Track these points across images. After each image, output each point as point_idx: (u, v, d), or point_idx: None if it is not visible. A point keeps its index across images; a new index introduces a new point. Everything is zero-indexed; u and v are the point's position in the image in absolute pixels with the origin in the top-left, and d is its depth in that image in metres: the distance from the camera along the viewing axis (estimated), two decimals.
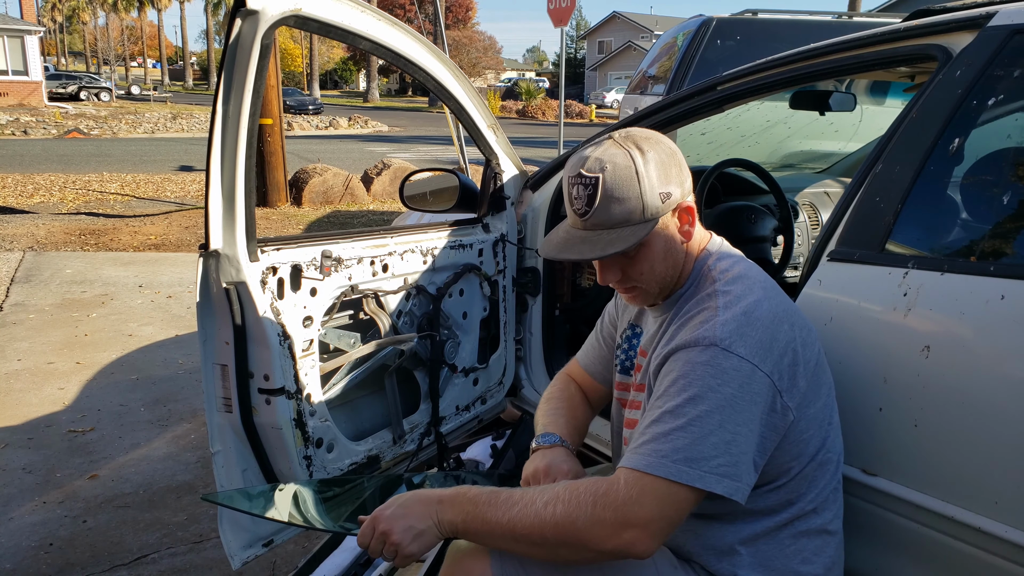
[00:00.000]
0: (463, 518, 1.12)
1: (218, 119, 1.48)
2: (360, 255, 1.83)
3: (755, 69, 1.83)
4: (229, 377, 1.60)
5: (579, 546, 1.04)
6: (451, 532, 1.14)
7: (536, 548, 1.06)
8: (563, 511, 1.04)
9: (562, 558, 1.08)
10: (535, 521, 1.05)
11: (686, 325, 1.17)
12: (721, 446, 1.05)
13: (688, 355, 1.11)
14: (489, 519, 1.09)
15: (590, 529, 1.03)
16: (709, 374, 1.08)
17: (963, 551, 1.22)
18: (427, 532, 1.13)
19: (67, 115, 26.36)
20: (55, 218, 8.69)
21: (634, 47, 47.74)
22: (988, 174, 1.40)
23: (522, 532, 1.06)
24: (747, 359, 1.09)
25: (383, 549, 1.15)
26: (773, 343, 1.12)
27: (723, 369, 1.08)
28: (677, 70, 6.00)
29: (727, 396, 1.07)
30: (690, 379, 1.09)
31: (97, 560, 2.51)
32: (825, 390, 1.23)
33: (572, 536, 1.03)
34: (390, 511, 1.15)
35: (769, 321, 1.13)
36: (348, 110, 35.41)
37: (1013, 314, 1.16)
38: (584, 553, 1.05)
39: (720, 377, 1.07)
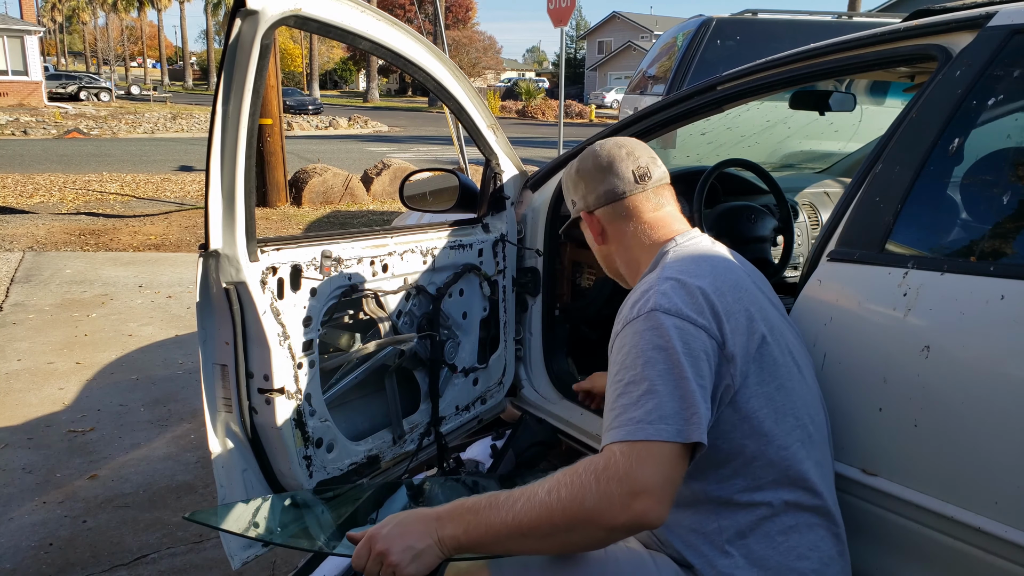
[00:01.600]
0: (464, 529, 1.09)
1: (218, 119, 1.48)
2: (360, 255, 1.83)
3: (755, 69, 1.83)
4: (229, 377, 1.60)
5: (591, 526, 1.02)
6: (454, 547, 1.10)
7: (546, 540, 1.04)
8: (568, 494, 1.03)
9: (574, 544, 1.06)
10: (542, 511, 1.03)
11: (627, 303, 1.25)
12: (688, 398, 1.08)
13: (632, 328, 1.17)
14: (493, 523, 1.07)
15: (599, 505, 1.01)
16: (654, 338, 1.14)
17: (963, 551, 1.22)
18: (427, 552, 1.10)
19: (67, 115, 26.36)
20: (55, 218, 8.69)
21: (634, 47, 47.74)
22: (988, 174, 1.40)
23: (530, 526, 1.04)
24: (684, 317, 1.16)
25: (380, 571, 1.11)
26: (708, 304, 1.19)
27: (664, 329, 1.14)
28: (677, 70, 6.00)
29: (674, 353, 1.12)
30: (640, 347, 1.14)
31: (97, 560, 2.51)
32: (783, 375, 1.23)
33: (582, 517, 1.01)
34: (387, 530, 1.12)
35: (705, 287, 1.20)
36: (348, 110, 35.41)
37: (1013, 314, 1.16)
38: (597, 532, 1.02)
39: (663, 337, 1.13)
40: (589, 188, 1.44)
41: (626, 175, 1.41)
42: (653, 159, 1.46)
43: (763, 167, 2.34)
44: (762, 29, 5.89)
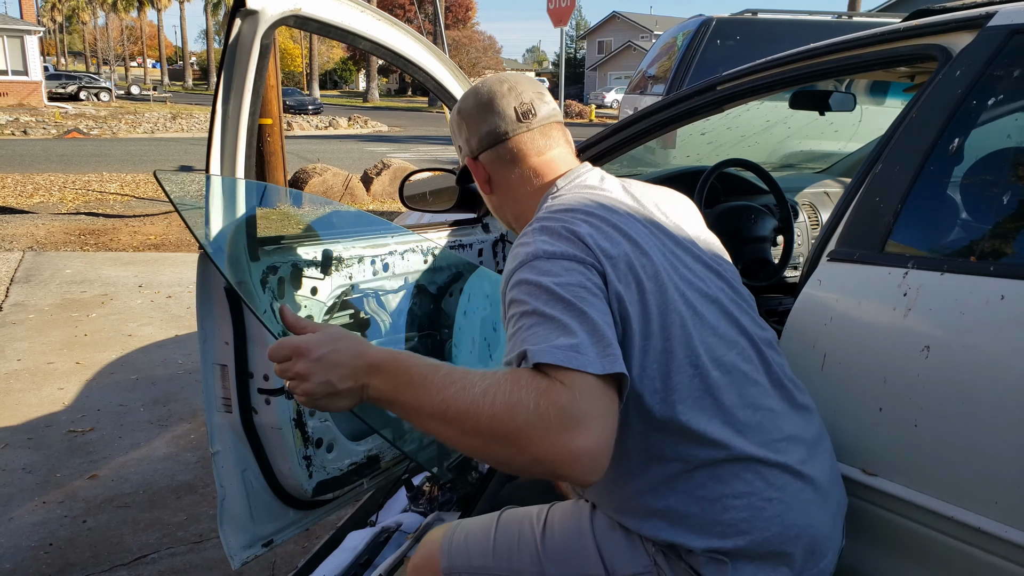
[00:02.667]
0: (392, 388, 0.98)
1: (218, 119, 1.48)
2: (360, 254, 1.83)
3: (755, 69, 1.83)
4: (229, 377, 1.60)
5: (515, 446, 0.88)
6: (375, 401, 1.01)
7: (467, 438, 0.92)
8: (502, 403, 0.89)
9: (491, 457, 0.94)
10: (470, 407, 0.91)
11: (512, 252, 1.13)
12: (599, 331, 0.97)
13: (518, 278, 1.05)
14: (420, 395, 0.95)
15: (531, 429, 0.87)
16: (544, 279, 1.02)
17: (963, 551, 1.22)
18: (346, 395, 1.00)
19: (67, 115, 26.36)
20: (55, 218, 8.69)
21: (634, 47, 47.74)
22: (988, 174, 1.40)
23: (453, 416, 0.92)
24: (568, 256, 1.05)
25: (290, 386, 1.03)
26: (585, 244, 1.08)
27: (549, 269, 1.03)
28: (677, 70, 6.01)
29: (571, 281, 1.02)
30: (532, 292, 1.02)
31: (97, 560, 2.51)
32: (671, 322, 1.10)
33: (511, 433, 0.88)
34: (317, 354, 1.00)
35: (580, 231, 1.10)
36: (348, 110, 35.40)
37: (1013, 314, 1.16)
38: (518, 456, 0.89)
39: (550, 276, 1.02)
40: (471, 130, 1.30)
41: (507, 113, 1.27)
42: (540, 95, 1.31)
43: (763, 167, 2.34)
44: (762, 29, 5.89)
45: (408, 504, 2.12)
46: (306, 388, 1.00)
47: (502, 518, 1.31)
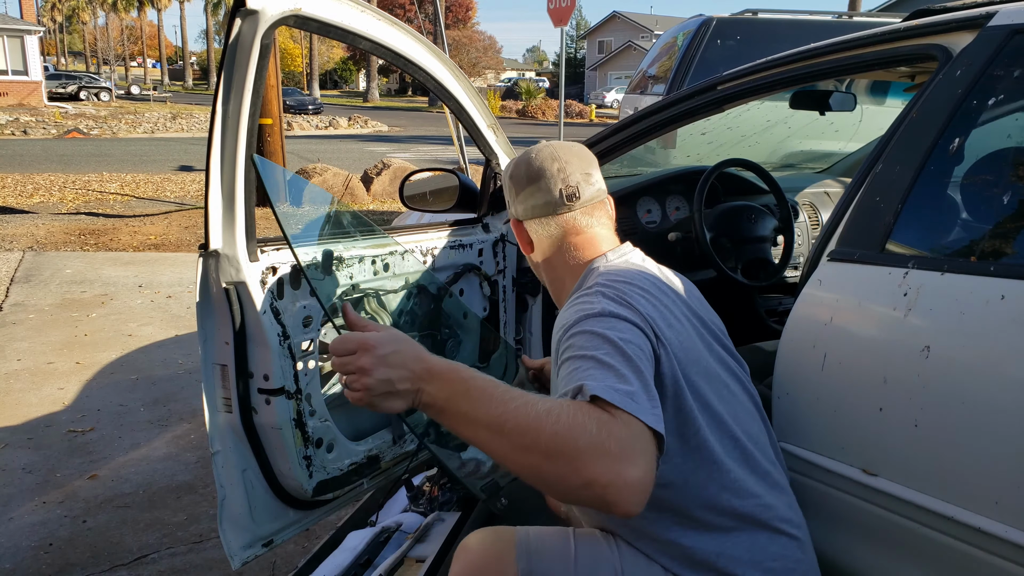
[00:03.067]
0: (448, 396, 1.01)
1: (218, 119, 1.48)
2: (360, 254, 1.83)
3: (755, 69, 1.83)
4: (229, 377, 1.60)
5: (571, 465, 0.91)
6: (427, 405, 1.03)
7: (519, 452, 0.95)
8: (566, 423, 0.93)
9: (541, 474, 0.95)
10: (533, 424, 0.94)
11: (568, 312, 1.20)
12: (653, 390, 1.03)
13: (583, 326, 1.12)
14: (479, 408, 0.99)
15: (590, 453, 0.91)
16: (608, 332, 1.09)
17: (963, 551, 1.22)
18: (402, 396, 1.03)
19: (67, 115, 26.37)
20: (55, 218, 8.69)
21: (634, 47, 47.75)
22: (988, 174, 1.40)
23: (511, 430, 0.95)
24: (629, 320, 1.13)
25: (348, 380, 1.05)
26: (642, 311, 1.17)
27: (614, 326, 1.11)
28: (677, 70, 6.01)
29: (625, 346, 1.07)
30: (592, 344, 1.08)
31: (97, 560, 2.51)
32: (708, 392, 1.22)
33: (569, 452, 0.91)
34: (383, 351, 1.03)
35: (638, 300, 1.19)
36: (348, 110, 35.41)
37: (1013, 314, 1.16)
38: (571, 477, 0.92)
39: (612, 332, 1.09)
40: (519, 197, 1.40)
41: (553, 193, 1.35)
42: (587, 176, 1.38)
43: (763, 167, 2.34)
44: (762, 29, 5.89)
45: (408, 504, 2.12)
46: (366, 383, 1.03)
47: (576, 534, 1.31)
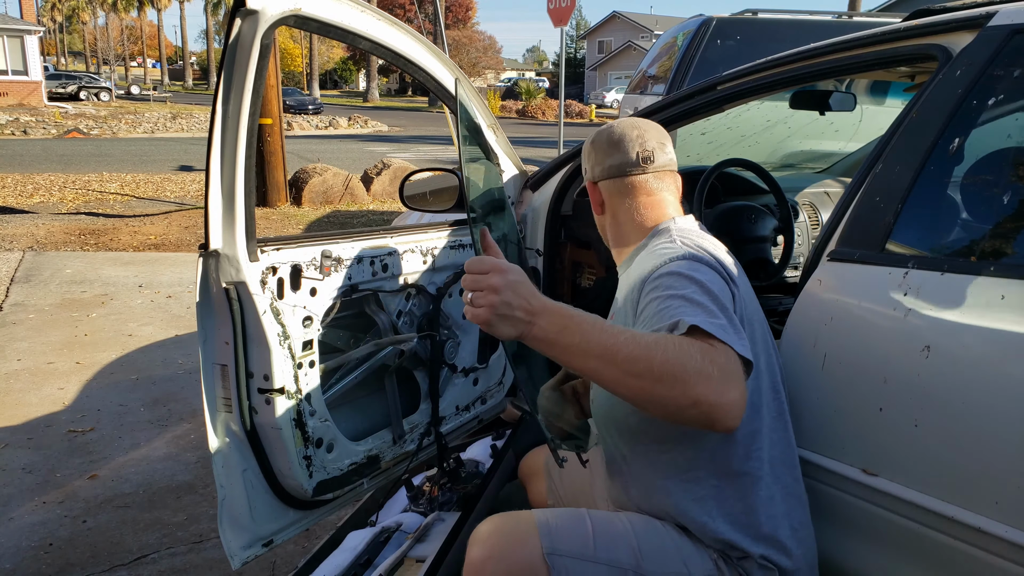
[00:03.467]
0: (557, 329, 1.10)
1: (218, 119, 1.48)
2: (360, 255, 1.83)
3: (755, 69, 1.83)
4: (229, 377, 1.60)
5: (680, 388, 1.03)
6: (535, 340, 1.11)
7: (631, 378, 1.05)
8: (675, 351, 1.04)
9: (650, 396, 1.05)
10: (643, 353, 1.04)
11: (649, 260, 1.33)
12: (739, 326, 1.16)
13: (671, 268, 1.24)
14: (589, 338, 1.08)
15: (697, 376, 1.03)
16: (692, 271, 1.23)
17: (963, 551, 1.22)
18: (515, 323, 1.11)
19: (67, 115, 26.36)
20: (55, 218, 8.69)
21: (634, 47, 47.74)
22: (988, 174, 1.40)
23: (623, 359, 1.05)
24: (711, 266, 1.28)
25: (476, 297, 1.13)
26: (724, 266, 1.31)
27: (698, 269, 1.25)
28: (677, 70, 6.00)
29: (715, 285, 1.21)
30: (685, 282, 1.20)
31: (97, 560, 2.51)
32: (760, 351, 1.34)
33: (678, 375, 1.03)
34: (512, 278, 1.13)
35: (718, 255, 1.34)
36: (348, 110, 35.41)
37: (1013, 314, 1.16)
38: (680, 398, 1.03)
39: (703, 275, 1.23)
40: (597, 160, 1.54)
41: (630, 155, 1.49)
42: (662, 144, 1.52)
43: (763, 167, 2.34)
44: (762, 29, 5.88)
45: (408, 504, 2.12)
46: (492, 300, 1.11)
47: (590, 514, 1.38)
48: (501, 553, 1.30)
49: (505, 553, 1.30)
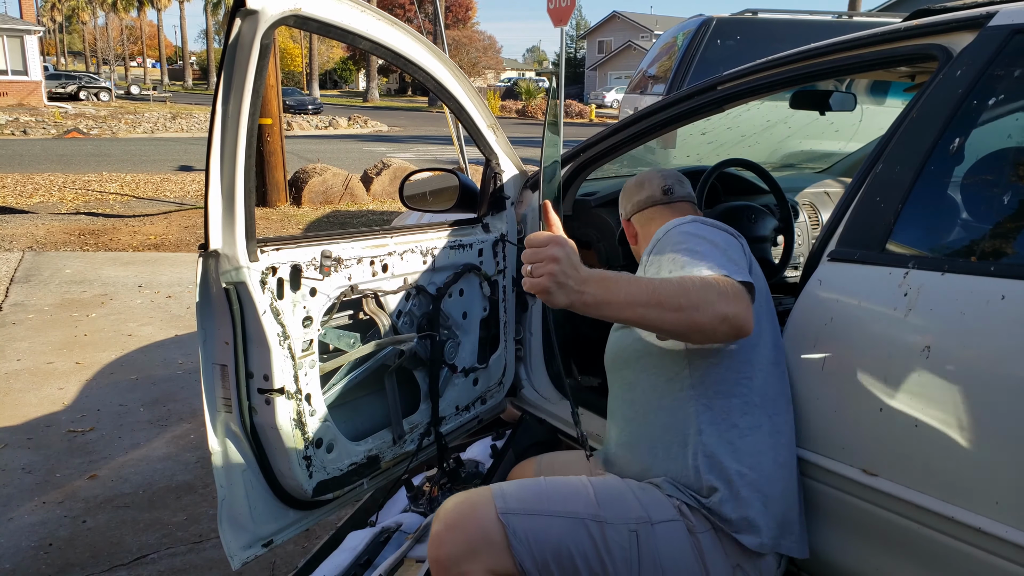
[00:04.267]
0: (604, 290, 1.23)
1: (218, 119, 1.47)
2: (360, 255, 1.83)
3: (755, 69, 1.83)
4: (229, 377, 1.60)
5: (712, 310, 1.24)
6: (586, 305, 1.23)
7: (674, 312, 1.24)
8: (700, 284, 1.27)
9: (693, 320, 1.25)
10: (678, 291, 1.25)
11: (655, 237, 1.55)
12: (739, 262, 1.40)
13: (671, 235, 1.48)
14: (634, 291, 1.24)
15: (721, 298, 1.25)
16: (697, 231, 1.47)
17: (963, 551, 1.22)
18: (569, 292, 1.22)
19: (66, 115, 26.36)
20: (54, 218, 8.69)
21: (634, 47, 47.75)
22: (988, 174, 1.40)
23: (663, 299, 1.23)
24: (719, 227, 1.50)
25: (536, 267, 1.22)
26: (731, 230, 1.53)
27: (705, 226, 1.49)
28: (677, 70, 6.00)
29: (720, 238, 1.45)
30: (690, 240, 1.43)
31: (97, 560, 2.51)
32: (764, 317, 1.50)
33: (710, 302, 1.24)
34: (568, 250, 1.23)
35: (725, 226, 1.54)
36: (348, 110, 35.41)
37: (1013, 314, 1.16)
38: (712, 318, 1.24)
39: (704, 231, 1.47)
40: (628, 199, 1.85)
41: (656, 190, 1.80)
42: (680, 182, 1.81)
43: (763, 167, 2.34)
44: (762, 29, 5.89)
45: (408, 504, 2.11)
46: (552, 269, 1.21)
47: (547, 478, 1.48)
48: (457, 522, 1.36)
49: (461, 522, 1.36)
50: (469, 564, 1.33)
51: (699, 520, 1.38)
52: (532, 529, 1.34)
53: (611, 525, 1.36)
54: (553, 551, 1.33)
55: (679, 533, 1.37)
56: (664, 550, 1.36)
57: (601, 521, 1.36)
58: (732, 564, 1.37)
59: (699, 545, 1.36)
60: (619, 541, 1.35)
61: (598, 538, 1.35)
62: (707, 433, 1.41)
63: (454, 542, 1.34)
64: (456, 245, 2.10)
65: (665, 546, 1.36)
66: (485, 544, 1.33)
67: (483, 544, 1.33)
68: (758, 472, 1.39)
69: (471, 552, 1.33)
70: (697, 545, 1.36)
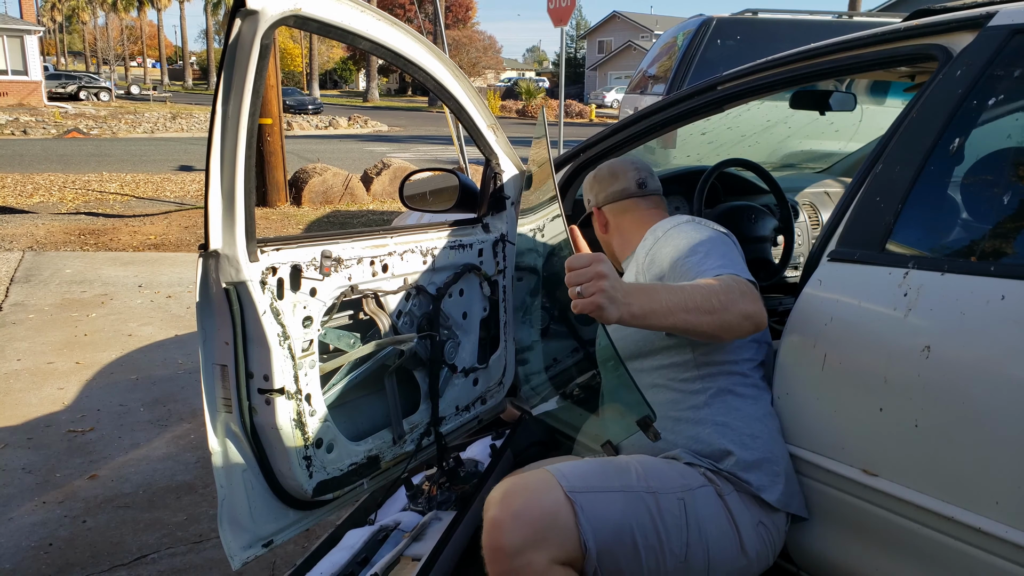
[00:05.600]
0: (647, 301, 1.30)
1: (218, 119, 1.47)
2: (360, 255, 1.83)
3: (755, 69, 1.83)
4: (229, 377, 1.59)
5: (736, 309, 1.36)
6: (632, 317, 1.27)
7: (706, 315, 1.34)
8: (724, 288, 1.37)
9: (723, 320, 1.36)
10: (710, 294, 1.35)
11: (650, 239, 1.68)
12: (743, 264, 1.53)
13: (671, 235, 1.62)
14: (674, 299, 1.32)
15: (744, 298, 1.38)
16: (698, 232, 1.59)
17: (963, 551, 1.22)
18: (617, 306, 1.25)
19: (67, 115, 26.36)
20: (55, 218, 8.69)
21: (634, 47, 47.74)
22: (988, 174, 1.40)
23: (698, 305, 1.33)
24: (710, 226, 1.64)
25: (586, 287, 1.24)
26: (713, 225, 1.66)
27: (702, 226, 1.62)
28: (677, 70, 6.01)
29: (718, 238, 1.57)
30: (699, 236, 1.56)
31: (97, 560, 2.51)
32: None
33: (735, 302, 1.36)
34: (610, 267, 1.26)
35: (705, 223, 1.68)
36: (348, 110, 35.41)
37: (1013, 314, 1.16)
38: (737, 316, 1.37)
39: (704, 232, 1.59)
40: (600, 189, 1.90)
41: (631, 182, 1.87)
42: (652, 176, 1.91)
43: (763, 167, 2.34)
44: (762, 29, 5.89)
45: (407, 503, 2.12)
46: (603, 286, 1.23)
47: (590, 458, 1.55)
48: (520, 507, 1.32)
49: (525, 507, 1.32)
50: (534, 553, 1.28)
51: (723, 483, 1.47)
52: (597, 507, 1.35)
53: (663, 495, 1.42)
54: (615, 529, 1.35)
55: (712, 497, 1.45)
56: (704, 513, 1.43)
57: (654, 492, 1.42)
58: (756, 521, 1.46)
59: (728, 507, 1.45)
60: (671, 509, 1.40)
61: (654, 509, 1.39)
62: (715, 405, 1.53)
63: (517, 530, 1.29)
64: (456, 245, 2.10)
65: (704, 510, 1.43)
66: (553, 528, 1.30)
67: (551, 528, 1.30)
68: (765, 435, 1.49)
69: (538, 539, 1.29)
70: (727, 507, 1.45)
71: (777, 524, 1.49)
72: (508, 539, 1.28)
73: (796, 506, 1.49)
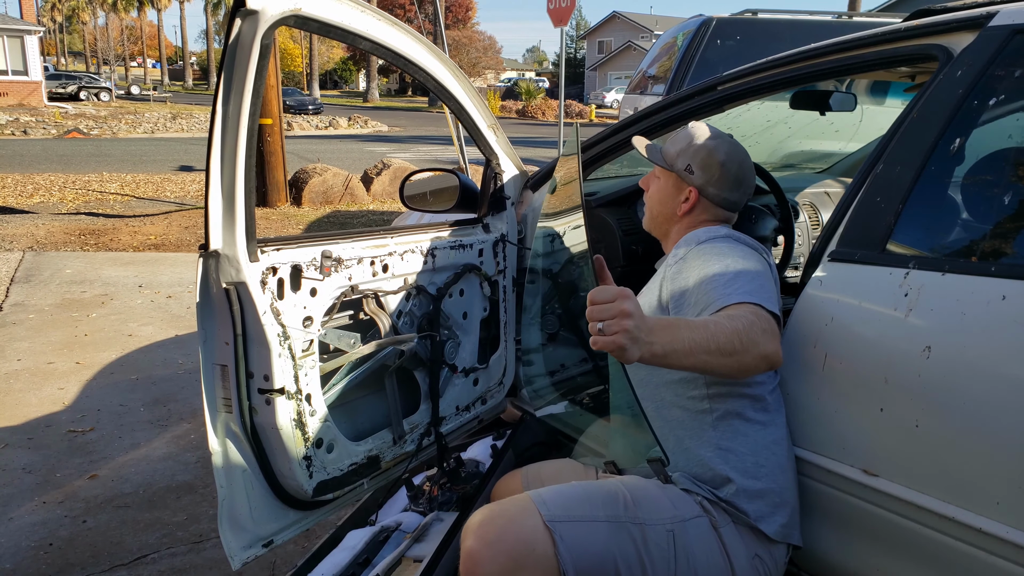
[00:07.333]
0: (669, 340, 1.22)
1: (218, 119, 1.47)
2: (360, 255, 1.83)
3: (755, 69, 1.83)
4: (229, 377, 1.59)
5: (756, 351, 1.30)
6: (654, 356, 1.20)
7: (726, 357, 1.27)
8: (746, 328, 1.30)
9: (742, 362, 1.30)
10: (732, 335, 1.28)
11: (684, 244, 1.62)
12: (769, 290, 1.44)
13: (703, 248, 1.55)
14: (696, 338, 1.25)
15: (763, 339, 1.31)
16: (731, 250, 1.52)
17: (963, 551, 1.22)
18: (639, 345, 1.17)
19: (67, 115, 26.36)
20: (55, 218, 8.69)
21: (634, 47, 47.74)
22: (989, 174, 1.40)
23: (719, 346, 1.26)
24: (751, 246, 1.57)
25: (608, 325, 1.15)
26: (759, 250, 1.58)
27: (738, 243, 1.56)
28: (677, 70, 6.01)
29: (752, 260, 1.49)
30: (729, 252, 1.50)
31: (97, 560, 2.51)
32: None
33: (755, 343, 1.29)
34: (636, 304, 1.17)
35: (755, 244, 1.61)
36: (348, 110, 35.41)
37: (1014, 314, 1.16)
38: (756, 357, 1.31)
39: (737, 251, 1.52)
40: (714, 179, 1.69)
41: (741, 200, 1.74)
42: (740, 190, 1.76)
43: (763, 167, 2.34)
44: (762, 29, 5.89)
45: (408, 504, 2.11)
46: (627, 325, 1.15)
47: (578, 483, 1.48)
48: (496, 536, 1.30)
49: (501, 535, 1.30)
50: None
51: (720, 514, 1.40)
52: (579, 536, 1.31)
53: (650, 526, 1.36)
54: (597, 560, 1.30)
55: (705, 529, 1.39)
56: (695, 547, 1.37)
57: (641, 523, 1.36)
58: (751, 554, 1.40)
59: (722, 539, 1.39)
60: (658, 542, 1.35)
61: (639, 541, 1.34)
62: (721, 428, 1.45)
63: (494, 559, 1.27)
64: (456, 245, 2.10)
65: (696, 543, 1.37)
66: (530, 557, 1.27)
67: (528, 557, 1.27)
68: (770, 465, 1.42)
69: (514, 568, 1.27)
70: (720, 539, 1.39)
71: (775, 556, 1.44)
72: (483, 569, 1.27)
73: (796, 537, 1.45)
